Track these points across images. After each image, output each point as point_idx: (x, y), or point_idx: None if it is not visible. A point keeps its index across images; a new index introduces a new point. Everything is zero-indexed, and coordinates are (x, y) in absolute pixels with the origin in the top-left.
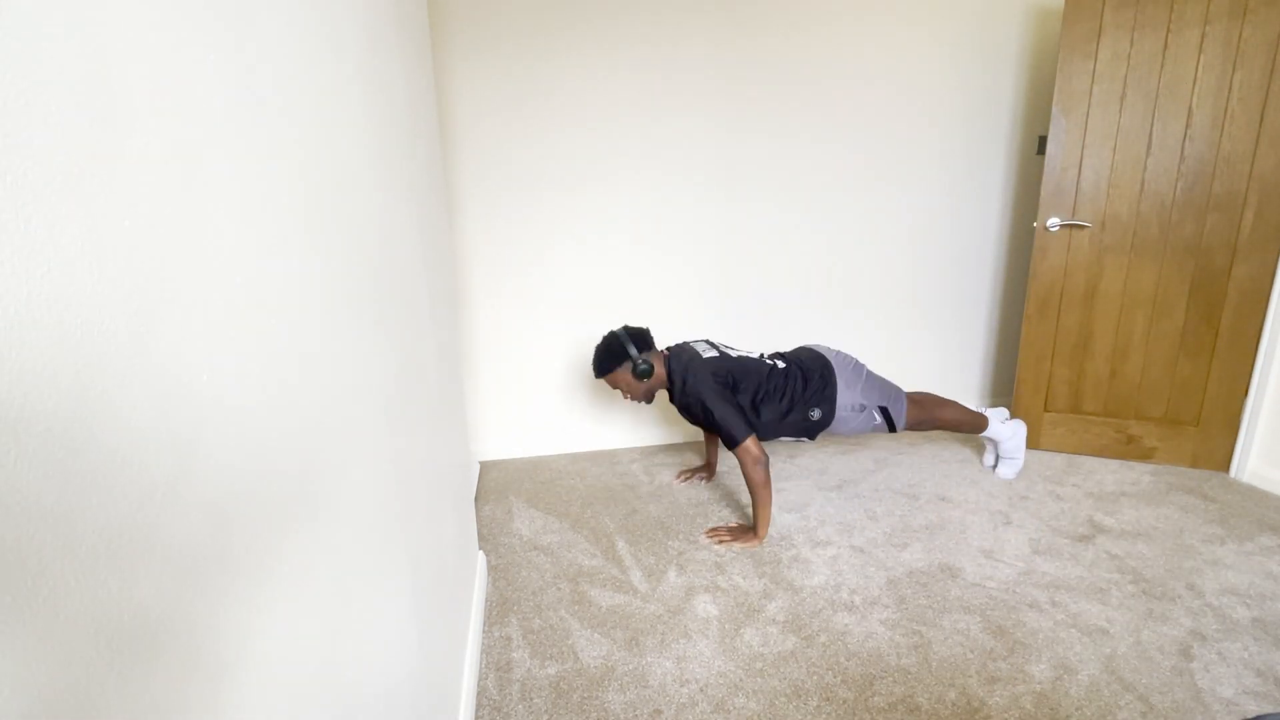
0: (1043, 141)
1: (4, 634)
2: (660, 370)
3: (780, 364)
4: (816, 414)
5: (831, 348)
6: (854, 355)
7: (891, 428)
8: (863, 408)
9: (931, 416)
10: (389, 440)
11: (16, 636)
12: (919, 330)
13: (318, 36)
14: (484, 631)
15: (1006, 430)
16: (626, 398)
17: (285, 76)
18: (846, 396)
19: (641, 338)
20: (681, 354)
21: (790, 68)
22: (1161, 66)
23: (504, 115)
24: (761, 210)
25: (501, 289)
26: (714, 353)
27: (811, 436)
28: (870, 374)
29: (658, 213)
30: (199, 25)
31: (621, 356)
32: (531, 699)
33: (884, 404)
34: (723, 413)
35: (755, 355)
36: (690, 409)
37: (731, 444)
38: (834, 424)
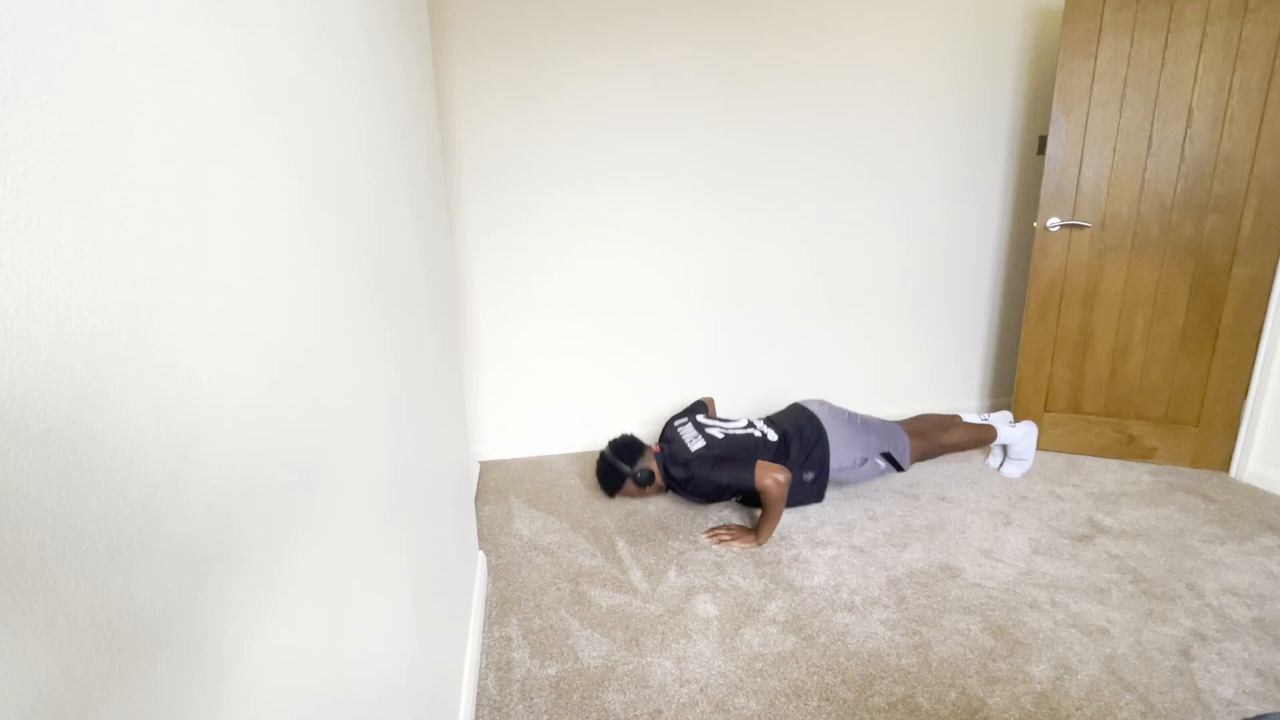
0: (1043, 141)
1: (4, 634)
2: (657, 469)
3: (772, 434)
4: (810, 476)
5: (823, 402)
6: (844, 407)
7: (898, 468)
8: (864, 460)
9: (937, 444)
10: (389, 440)
11: (16, 636)
12: (919, 330)
13: (318, 37)
14: (484, 631)
15: (1018, 433)
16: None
17: (286, 77)
18: (845, 455)
19: (628, 448)
20: (670, 449)
21: (790, 70)
22: (1162, 66)
23: (504, 117)
24: (763, 211)
25: (501, 289)
26: (701, 441)
27: (819, 499)
28: (866, 421)
29: (657, 214)
30: (199, 26)
31: (619, 478)
32: (531, 699)
33: (885, 449)
34: (729, 479)
35: (743, 426)
36: (697, 497)
37: (756, 486)
38: (841, 476)
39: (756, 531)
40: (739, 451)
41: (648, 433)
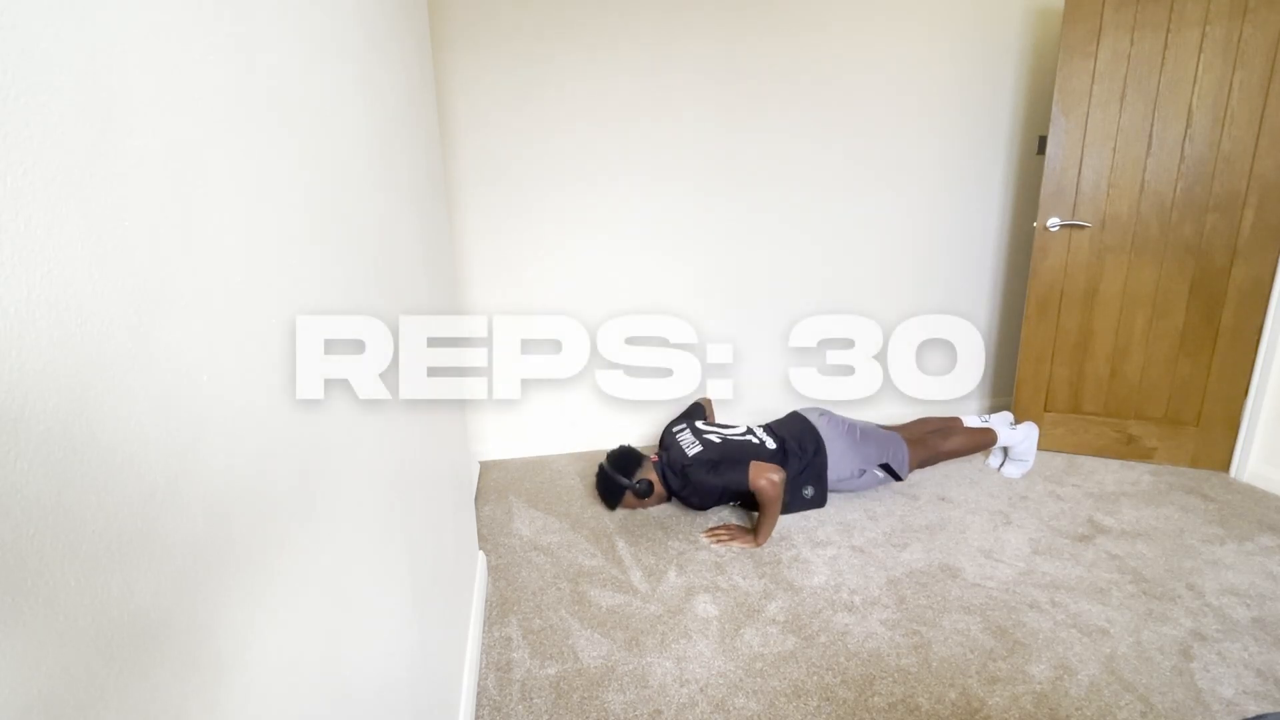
0: (1043, 141)
1: (4, 634)
2: (656, 479)
3: (771, 442)
4: (809, 491)
5: (823, 412)
6: (842, 416)
7: (896, 478)
8: (862, 471)
9: (937, 452)
10: (389, 440)
11: (16, 636)
12: (919, 329)
13: (318, 36)
14: (484, 631)
15: (1019, 434)
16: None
17: (286, 75)
18: (843, 466)
19: (626, 460)
20: (668, 456)
21: (790, 68)
22: (1161, 66)
23: (504, 115)
24: (763, 210)
25: (501, 287)
26: (699, 446)
27: (821, 505)
28: (865, 431)
29: (658, 212)
30: (200, 25)
31: (619, 491)
32: (531, 699)
33: (883, 460)
34: (725, 481)
35: (742, 432)
36: (696, 502)
37: (751, 486)
38: (839, 487)
39: (755, 532)
40: (735, 453)
41: (649, 432)
